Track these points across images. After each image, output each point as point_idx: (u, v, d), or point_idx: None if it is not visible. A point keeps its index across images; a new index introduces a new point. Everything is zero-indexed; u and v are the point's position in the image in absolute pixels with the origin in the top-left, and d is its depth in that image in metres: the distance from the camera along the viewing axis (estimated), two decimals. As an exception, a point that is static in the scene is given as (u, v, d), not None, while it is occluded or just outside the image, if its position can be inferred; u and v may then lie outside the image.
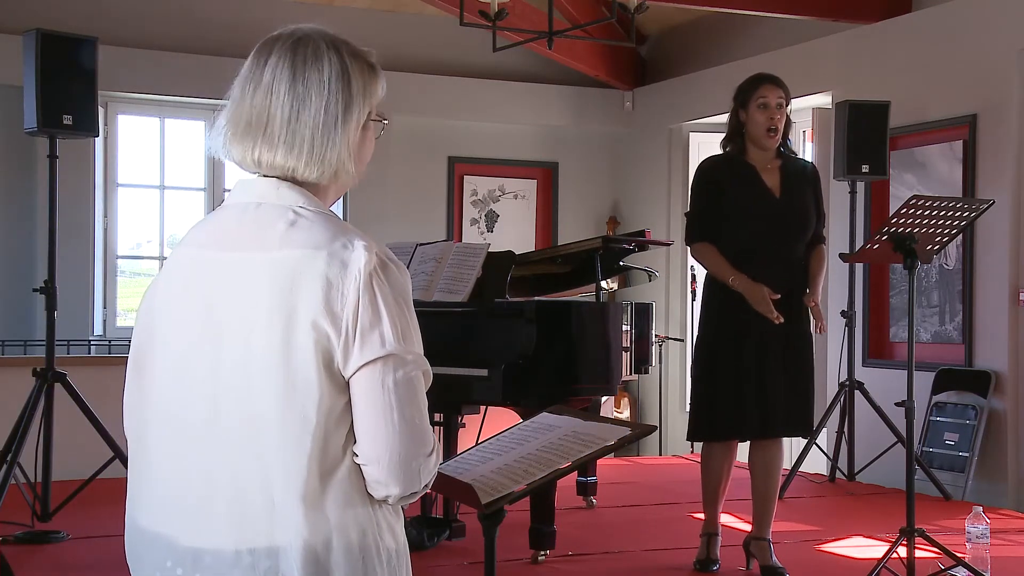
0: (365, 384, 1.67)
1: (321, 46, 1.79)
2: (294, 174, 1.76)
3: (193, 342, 1.74)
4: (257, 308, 1.69)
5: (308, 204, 1.75)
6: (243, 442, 1.69)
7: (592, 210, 9.81)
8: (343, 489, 1.68)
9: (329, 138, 1.74)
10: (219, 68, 8.32)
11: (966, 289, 6.80)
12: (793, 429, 4.67)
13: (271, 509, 1.67)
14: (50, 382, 5.32)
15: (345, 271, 1.67)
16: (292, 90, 1.75)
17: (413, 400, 1.69)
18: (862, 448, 6.73)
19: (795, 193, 4.61)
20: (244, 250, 1.73)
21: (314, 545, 1.66)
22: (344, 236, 1.71)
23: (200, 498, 1.72)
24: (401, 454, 1.68)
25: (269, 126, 1.74)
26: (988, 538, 4.47)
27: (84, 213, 8.12)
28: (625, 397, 9.25)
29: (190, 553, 1.73)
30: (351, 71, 1.77)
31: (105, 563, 4.86)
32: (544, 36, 6.05)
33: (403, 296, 1.72)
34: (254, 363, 1.68)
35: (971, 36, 6.82)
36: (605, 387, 5.05)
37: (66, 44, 5.28)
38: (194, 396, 1.73)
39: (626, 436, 2.39)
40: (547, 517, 4.77)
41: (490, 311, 4.92)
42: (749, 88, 4.60)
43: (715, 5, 7.96)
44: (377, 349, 1.66)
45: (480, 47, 7.83)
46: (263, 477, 1.68)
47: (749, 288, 4.49)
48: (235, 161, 1.79)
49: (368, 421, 1.68)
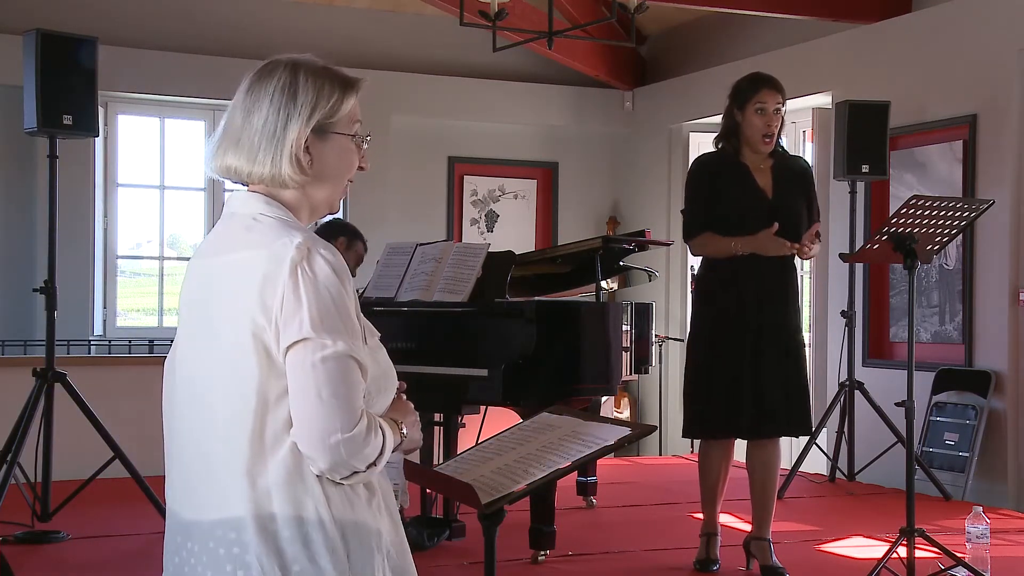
0: (290, 365, 1.83)
1: (280, 65, 1.97)
2: (248, 177, 1.97)
3: (182, 339, 1.99)
4: (217, 305, 1.91)
5: (269, 212, 1.94)
6: (207, 424, 1.90)
7: (592, 210, 9.81)
8: (285, 465, 1.84)
9: (270, 143, 1.93)
10: (219, 68, 8.36)
11: (966, 289, 6.80)
12: (792, 428, 4.67)
13: (227, 485, 1.86)
14: (50, 382, 5.32)
15: (279, 266, 1.84)
16: (245, 100, 1.97)
17: (330, 380, 1.82)
18: (862, 448, 6.73)
19: (787, 193, 4.62)
20: (216, 256, 1.95)
21: (262, 517, 1.84)
22: (287, 235, 1.88)
23: (187, 476, 1.95)
24: (319, 429, 1.81)
25: (226, 134, 1.99)
26: (988, 538, 4.47)
27: (84, 213, 8.12)
28: (625, 397, 9.25)
29: (185, 526, 1.94)
30: (298, 85, 1.94)
31: (105, 563, 4.87)
32: (544, 36, 6.05)
33: (328, 287, 1.85)
34: (215, 354, 1.89)
35: (971, 36, 6.83)
36: (605, 387, 5.04)
37: (66, 44, 5.28)
38: (183, 386, 1.97)
39: (626, 436, 2.39)
40: (547, 517, 4.77)
41: (490, 311, 4.91)
42: (748, 90, 4.58)
43: (715, 5, 7.96)
44: (295, 333, 1.82)
45: (480, 47, 7.83)
46: (220, 456, 1.87)
47: (753, 241, 4.50)
48: (215, 173, 2.03)
49: (294, 399, 1.84)
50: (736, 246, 4.51)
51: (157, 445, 2.14)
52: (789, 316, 4.63)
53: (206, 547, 1.88)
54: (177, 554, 1.94)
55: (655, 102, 9.47)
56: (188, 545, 1.91)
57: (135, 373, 7.07)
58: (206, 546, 1.88)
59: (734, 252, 4.52)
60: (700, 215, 4.63)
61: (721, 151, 4.68)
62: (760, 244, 4.50)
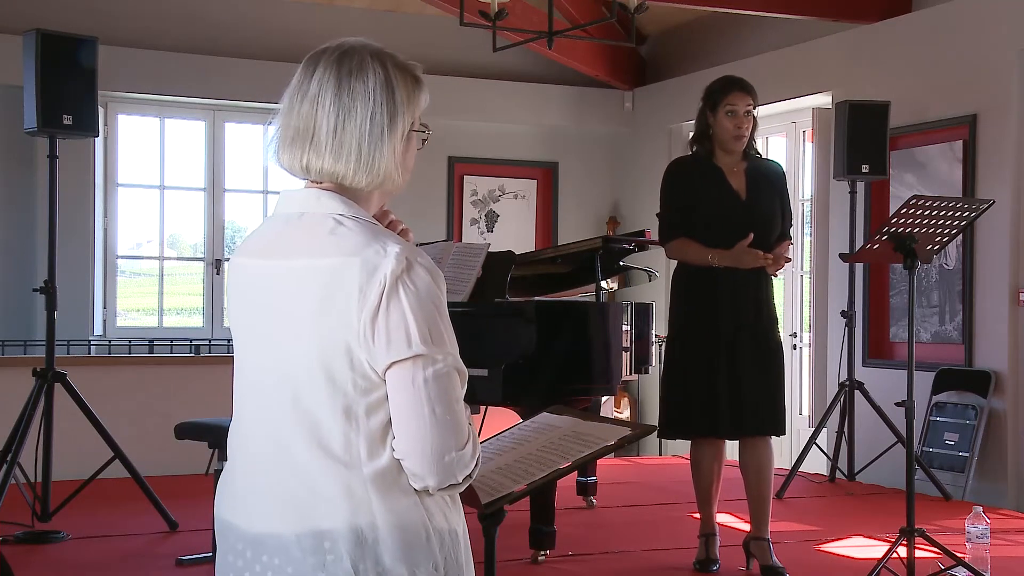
0: (396, 382, 1.76)
1: (366, 58, 1.85)
2: (343, 180, 1.84)
3: (248, 346, 1.89)
4: (301, 313, 1.79)
5: (348, 212, 1.83)
6: (291, 436, 1.80)
7: (592, 210, 9.81)
8: (385, 477, 1.77)
9: (376, 147, 1.83)
10: (219, 68, 8.37)
11: (966, 289, 6.80)
12: (764, 427, 4.66)
13: (310, 495, 1.78)
14: (50, 382, 5.32)
15: (372, 276, 1.75)
16: (337, 100, 1.82)
17: (443, 397, 1.76)
18: (862, 448, 6.73)
19: (761, 195, 4.68)
20: (290, 258, 1.82)
21: (360, 527, 1.76)
22: (379, 242, 1.78)
23: (262, 487, 1.84)
24: (434, 448, 1.75)
25: (316, 135, 1.83)
26: (988, 538, 4.47)
27: (84, 213, 8.12)
28: (625, 397, 9.25)
29: (258, 539, 1.84)
30: (395, 82, 1.84)
31: (105, 563, 4.87)
32: (544, 36, 6.05)
33: (431, 298, 1.78)
34: (299, 365, 1.79)
35: (971, 36, 6.82)
36: (605, 387, 5.05)
37: (66, 44, 5.28)
38: (247, 393, 1.89)
39: (626, 436, 2.39)
40: (547, 517, 4.77)
41: (490, 311, 4.92)
42: (719, 93, 4.66)
43: (715, 5, 7.96)
44: (404, 350, 1.75)
45: (480, 47, 7.83)
46: (307, 467, 1.78)
47: (730, 255, 4.55)
48: (284, 168, 1.89)
49: (401, 417, 1.76)
50: (713, 258, 4.56)
51: (157, 445, 2.13)
52: (763, 316, 4.66)
53: (291, 558, 1.79)
54: (248, 569, 1.84)
55: (655, 102, 9.47)
56: (264, 559, 1.82)
57: (135, 373, 7.08)
58: (291, 557, 1.79)
59: (710, 264, 4.57)
60: (676, 219, 4.69)
61: (695, 154, 4.76)
62: (737, 258, 4.55)
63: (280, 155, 1.87)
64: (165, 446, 5.53)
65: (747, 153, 4.71)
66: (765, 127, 8.58)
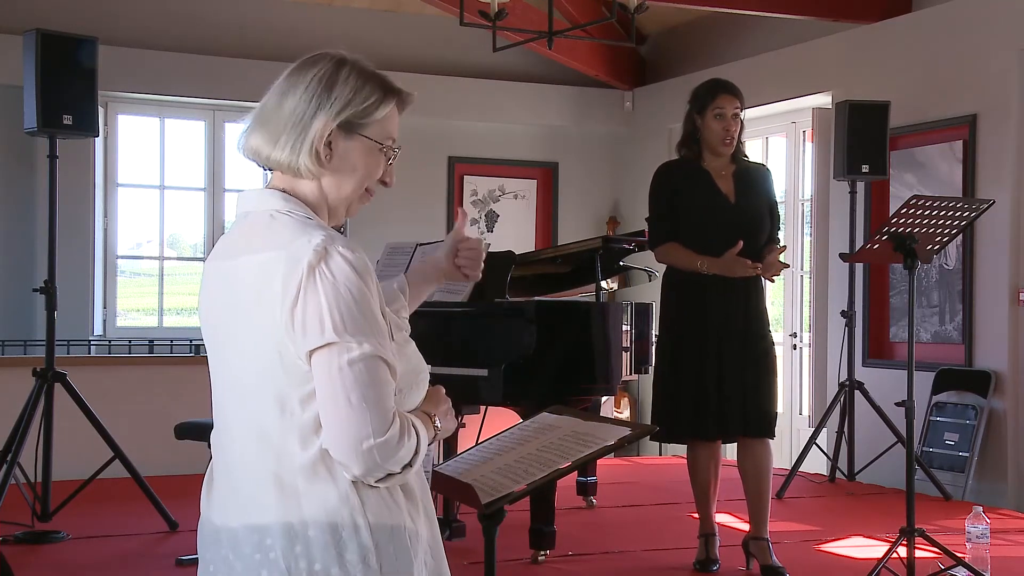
0: (317, 370, 1.78)
1: (326, 57, 1.93)
2: (267, 161, 1.92)
3: (211, 345, 1.95)
4: (242, 308, 1.85)
5: (284, 207, 1.88)
6: (236, 430, 1.89)
7: (592, 210, 9.81)
8: (316, 471, 1.80)
9: (295, 129, 1.88)
10: (219, 68, 8.37)
11: (966, 289, 6.80)
12: (750, 429, 4.65)
13: (256, 490, 1.83)
14: (50, 382, 5.32)
15: (294, 268, 1.78)
16: (282, 84, 1.92)
17: (358, 384, 1.77)
18: (862, 448, 6.73)
19: (749, 198, 4.68)
20: (236, 257, 1.89)
21: (292, 523, 1.80)
22: (305, 235, 1.82)
23: (221, 482, 1.93)
24: (351, 435, 1.76)
25: (258, 115, 1.93)
26: (988, 538, 4.47)
27: (84, 213, 8.12)
28: (625, 397, 9.25)
29: (217, 531, 1.91)
30: (338, 78, 1.90)
31: (105, 563, 4.87)
32: (544, 36, 6.05)
33: (349, 286, 1.79)
34: (245, 358, 1.85)
35: (971, 36, 6.82)
36: (605, 387, 5.05)
37: (66, 44, 5.28)
38: (216, 392, 1.95)
39: (626, 436, 2.39)
40: (547, 517, 4.77)
41: (490, 311, 4.92)
42: (706, 96, 4.66)
43: (715, 5, 7.96)
44: (317, 338, 1.77)
45: (480, 47, 7.83)
46: (248, 461, 1.86)
47: (719, 263, 4.54)
48: (239, 149, 1.98)
49: (321, 404, 1.79)
50: (702, 266, 4.56)
51: (157, 445, 2.15)
52: (753, 318, 4.66)
53: (240, 553, 1.84)
54: (212, 562, 1.90)
55: (655, 102, 9.47)
56: (222, 553, 1.87)
57: (135, 373, 7.08)
58: (240, 552, 1.84)
59: (699, 271, 4.57)
60: (665, 223, 4.68)
61: (683, 157, 4.75)
62: (726, 266, 4.54)
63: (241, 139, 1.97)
64: (165, 446, 5.53)
65: (735, 156, 4.71)
66: (765, 127, 8.60)
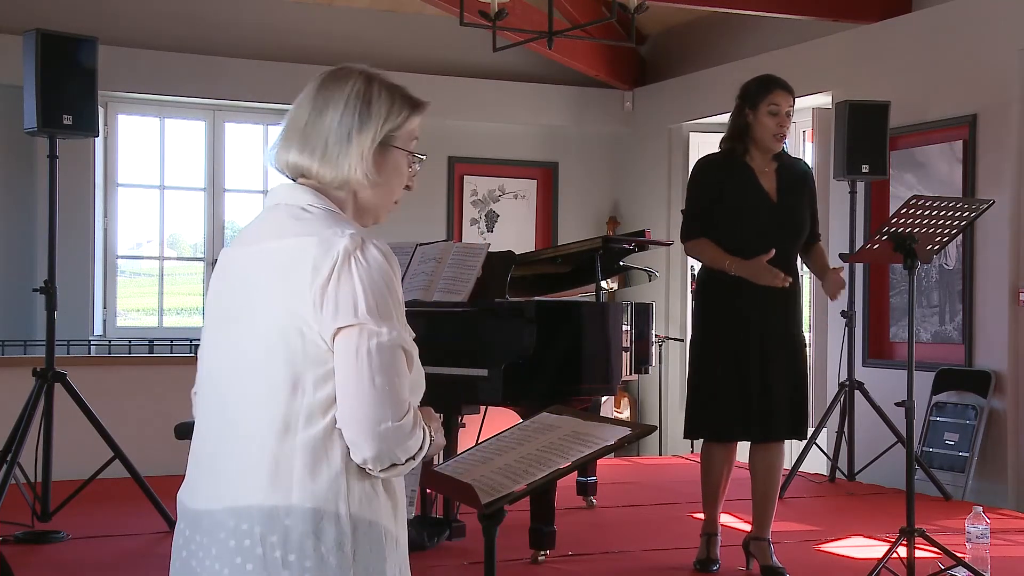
0: (341, 350, 1.82)
1: (353, 72, 1.99)
2: (308, 174, 1.96)
3: (212, 328, 1.98)
4: (260, 289, 1.89)
5: (318, 203, 1.93)
6: (233, 410, 1.89)
7: (592, 210, 9.81)
8: (315, 446, 1.83)
9: (341, 146, 1.93)
10: (219, 68, 8.37)
11: (966, 289, 6.80)
12: (790, 432, 4.66)
13: (246, 473, 1.84)
14: (50, 382, 5.32)
15: (327, 252, 1.83)
16: (314, 100, 1.96)
17: (384, 368, 1.81)
18: (862, 448, 6.73)
19: (791, 196, 4.62)
20: (259, 243, 1.93)
21: (278, 508, 1.82)
22: (339, 226, 1.87)
23: (205, 466, 1.93)
24: (370, 416, 1.80)
25: (293, 131, 1.97)
26: (988, 538, 4.47)
27: (84, 213, 8.12)
28: (625, 397, 9.25)
29: (195, 516, 1.93)
30: (372, 94, 1.96)
31: (105, 563, 4.87)
32: (544, 36, 6.05)
33: (383, 276, 1.85)
34: (255, 338, 1.87)
35: (971, 36, 6.82)
36: (605, 387, 5.04)
37: (66, 44, 5.27)
38: (209, 375, 1.96)
39: (626, 436, 2.39)
40: (547, 517, 4.77)
41: (490, 311, 4.91)
42: (761, 91, 4.56)
43: (715, 5, 7.96)
44: (350, 317, 1.81)
45: (480, 47, 7.83)
46: (245, 444, 1.86)
47: (747, 267, 4.47)
48: (273, 166, 2.03)
49: (342, 385, 1.82)
50: (730, 266, 4.49)
51: (157, 445, 2.15)
52: (791, 318, 4.64)
53: (216, 538, 1.86)
54: (185, 548, 1.93)
55: (655, 102, 9.47)
56: (197, 538, 1.90)
57: (135, 373, 7.08)
58: (216, 537, 1.86)
59: (727, 270, 4.51)
60: (699, 218, 4.62)
61: (727, 152, 4.65)
62: (754, 272, 4.46)
63: (275, 156, 2.01)
64: (165, 446, 5.50)
65: (777, 153, 4.64)
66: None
